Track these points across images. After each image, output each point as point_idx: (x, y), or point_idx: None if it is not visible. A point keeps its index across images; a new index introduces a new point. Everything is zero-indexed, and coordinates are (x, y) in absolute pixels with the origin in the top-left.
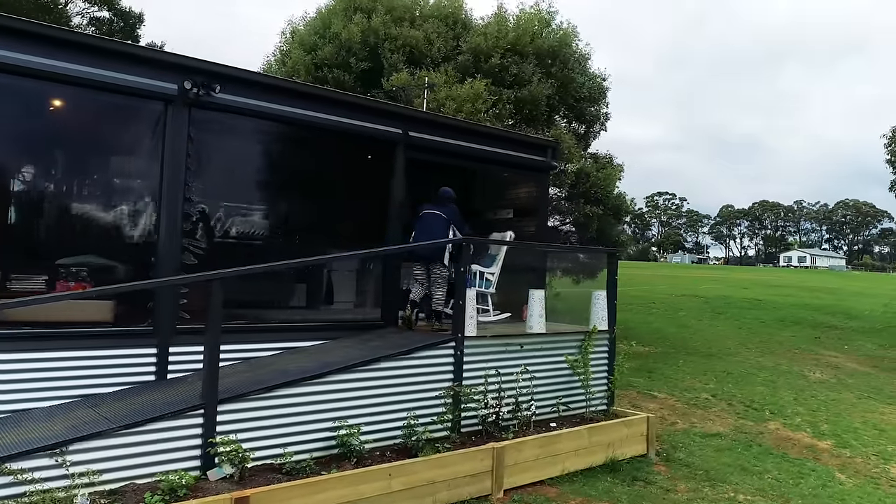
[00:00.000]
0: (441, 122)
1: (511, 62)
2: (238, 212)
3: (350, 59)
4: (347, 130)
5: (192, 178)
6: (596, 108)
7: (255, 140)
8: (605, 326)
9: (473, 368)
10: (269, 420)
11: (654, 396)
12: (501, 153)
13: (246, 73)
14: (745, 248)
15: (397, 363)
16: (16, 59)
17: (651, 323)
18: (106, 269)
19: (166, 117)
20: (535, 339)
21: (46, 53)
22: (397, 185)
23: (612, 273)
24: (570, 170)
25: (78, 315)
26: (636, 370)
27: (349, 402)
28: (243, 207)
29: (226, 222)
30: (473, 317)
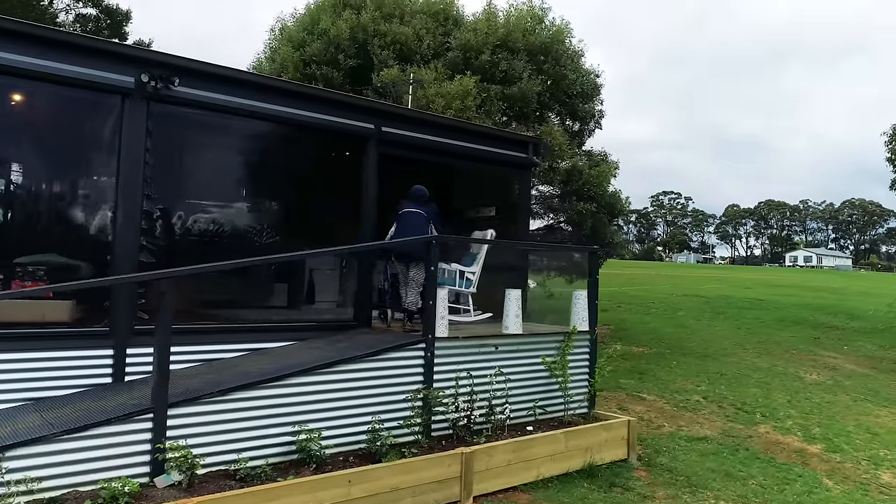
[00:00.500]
0: (416, 117)
1: (501, 58)
2: (201, 209)
3: (339, 56)
4: (316, 125)
5: (152, 174)
6: (589, 106)
7: (219, 135)
8: (586, 327)
9: (445, 370)
10: (223, 424)
11: (643, 398)
12: (481, 149)
13: (206, 66)
14: (751, 247)
15: (363, 365)
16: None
17: (648, 323)
18: (62, 267)
19: (123, 111)
20: (512, 341)
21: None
22: (370, 182)
23: (592, 272)
24: (563, 167)
25: (31, 315)
26: (628, 371)
27: (311, 405)
28: (207, 204)
29: (188, 220)
30: (445, 317)
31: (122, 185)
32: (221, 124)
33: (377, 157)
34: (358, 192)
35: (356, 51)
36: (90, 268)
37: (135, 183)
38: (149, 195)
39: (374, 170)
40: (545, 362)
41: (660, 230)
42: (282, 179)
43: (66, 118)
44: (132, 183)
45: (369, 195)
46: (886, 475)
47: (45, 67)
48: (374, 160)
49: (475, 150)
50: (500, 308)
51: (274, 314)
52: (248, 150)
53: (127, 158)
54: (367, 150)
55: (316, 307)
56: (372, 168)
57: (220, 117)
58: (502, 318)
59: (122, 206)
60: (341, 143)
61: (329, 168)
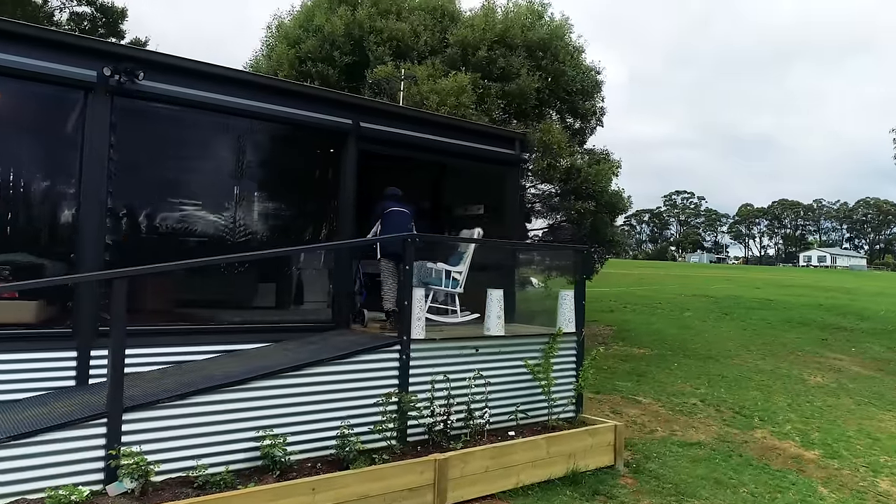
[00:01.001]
0: (396, 112)
1: (498, 55)
2: (170, 207)
3: (334, 53)
4: (289, 120)
5: (117, 171)
6: (590, 103)
7: (189, 130)
8: (573, 328)
9: (422, 373)
10: (182, 430)
11: (639, 401)
12: (465, 145)
13: (172, 59)
14: (765, 247)
15: (332, 368)
16: None
17: (652, 324)
18: (27, 267)
19: (86, 106)
20: (493, 343)
21: None
22: (348, 179)
23: (579, 272)
24: (563, 165)
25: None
26: (626, 373)
27: (277, 409)
28: (176, 202)
29: (156, 218)
30: (422, 318)
31: (86, 183)
32: (190, 119)
33: (356, 153)
34: (336, 190)
35: (352, 47)
36: (55, 267)
37: (98, 180)
38: (113, 192)
39: (353, 166)
40: (528, 365)
41: (673, 230)
42: (255, 176)
43: (27, 114)
44: (96, 180)
45: (347, 192)
46: (885, 483)
47: (3, 61)
48: (352, 156)
49: (459, 147)
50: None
51: (249, 315)
52: (218, 146)
53: (90, 155)
54: (345, 146)
55: (293, 308)
56: (350, 164)
57: (189, 112)
58: (486, 319)
59: (85, 203)
60: (317, 138)
61: (305, 165)
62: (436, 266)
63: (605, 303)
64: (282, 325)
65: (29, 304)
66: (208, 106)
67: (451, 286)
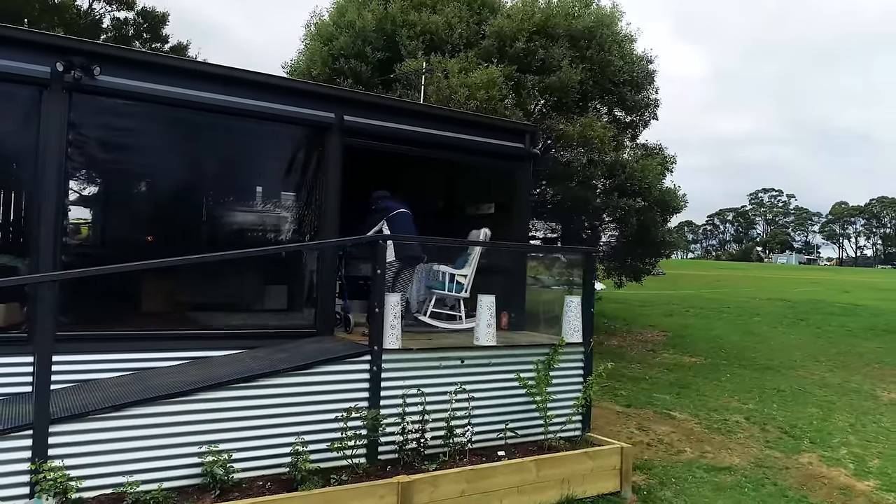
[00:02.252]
0: (383, 104)
1: (538, 46)
2: (133, 206)
3: (366, 49)
4: (265, 114)
5: (75, 170)
6: (641, 95)
7: (155, 127)
8: (579, 339)
9: (396, 386)
10: (117, 443)
11: (672, 417)
12: (467, 139)
13: (130, 53)
14: (861, 248)
15: (292, 379)
16: None
17: (713, 329)
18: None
19: (41, 103)
20: (482, 353)
21: None
22: (332, 177)
23: (588, 277)
24: (607, 161)
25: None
26: (667, 385)
27: (227, 423)
28: (140, 201)
29: (118, 217)
30: (396, 326)
31: (41, 182)
32: (159, 115)
33: (340, 148)
34: (318, 188)
35: (384, 43)
36: (7, 270)
37: (54, 179)
38: (68, 192)
39: (337, 162)
40: (520, 378)
41: (759, 229)
42: (227, 173)
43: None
44: (51, 179)
45: (330, 190)
46: None
47: None
48: (336, 152)
49: (459, 140)
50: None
51: (224, 319)
52: (190, 143)
53: (46, 153)
54: (327, 141)
55: (271, 312)
56: (334, 161)
57: (158, 108)
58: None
59: (41, 204)
60: (295, 134)
61: (282, 162)
62: (439, 269)
63: (665, 306)
64: (258, 330)
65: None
66: (174, 101)
67: (455, 290)
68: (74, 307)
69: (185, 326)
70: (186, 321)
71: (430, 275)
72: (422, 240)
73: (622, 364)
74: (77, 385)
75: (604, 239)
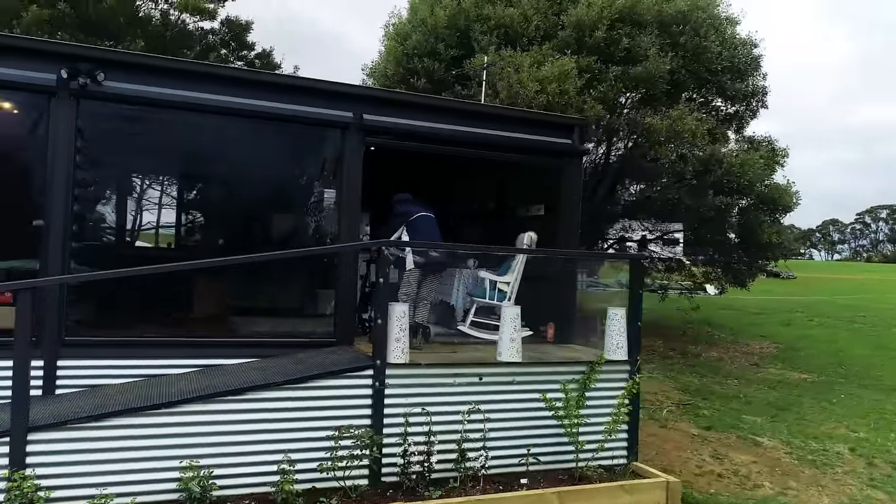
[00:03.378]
0: (408, 100)
1: (621, 34)
2: (144, 211)
3: (438, 46)
4: (278, 115)
5: (85, 176)
6: (743, 83)
7: (165, 132)
8: (623, 356)
9: (404, 404)
10: (93, 454)
11: (758, 444)
12: (502, 136)
13: (133, 57)
14: None
15: (286, 393)
16: None
17: (836, 342)
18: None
19: (49, 110)
20: (504, 371)
21: None
22: (351, 178)
23: (635, 286)
24: (699, 156)
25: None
26: (762, 405)
27: (212, 437)
28: (149, 206)
29: (128, 223)
30: (401, 339)
31: (51, 188)
32: (169, 120)
33: (360, 149)
34: (337, 191)
35: (457, 39)
36: (21, 275)
37: (64, 185)
38: (79, 198)
39: (357, 163)
40: (546, 400)
41: None
42: (241, 177)
43: None
44: (60, 185)
45: (350, 192)
46: None
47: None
48: (355, 153)
49: (494, 138)
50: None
51: (240, 327)
52: (201, 147)
53: (55, 159)
54: (347, 141)
55: (290, 320)
56: (353, 161)
57: (167, 113)
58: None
59: (51, 209)
60: (311, 134)
61: (298, 164)
62: (479, 274)
63: (785, 314)
64: (275, 339)
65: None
66: (183, 105)
67: (496, 299)
68: (90, 311)
69: (201, 334)
70: (203, 328)
71: (476, 281)
72: (431, 245)
73: (714, 379)
74: (84, 390)
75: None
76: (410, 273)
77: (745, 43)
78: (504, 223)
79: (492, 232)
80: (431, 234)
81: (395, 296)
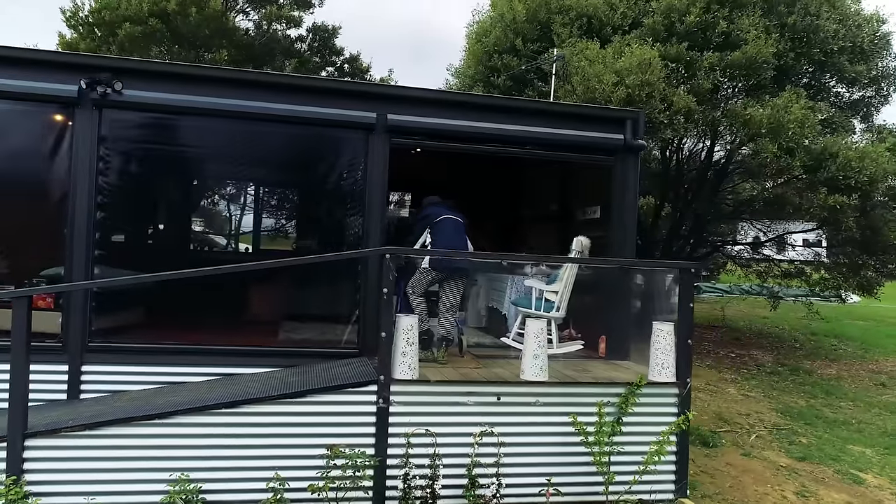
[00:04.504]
0: (433, 98)
1: (717, 17)
2: (168, 218)
3: (517, 41)
4: (298, 119)
5: (107, 184)
6: (871, 65)
7: (186, 138)
8: (670, 377)
9: (410, 423)
10: (85, 462)
11: (859, 482)
12: (544, 133)
13: (151, 65)
14: None
15: (284, 408)
16: None
17: None
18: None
19: (73, 120)
20: (527, 391)
21: None
22: (375, 182)
23: (685, 299)
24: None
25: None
26: (877, 434)
27: (204, 450)
28: (175, 213)
29: (152, 229)
30: (408, 353)
31: (74, 196)
32: (191, 126)
33: (385, 150)
34: (361, 194)
35: (538, 33)
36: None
37: (87, 193)
38: (102, 204)
39: (381, 166)
40: (576, 423)
41: None
42: (261, 183)
43: (21, 133)
44: (84, 193)
45: (375, 196)
46: None
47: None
48: (379, 155)
49: (536, 135)
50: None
51: (260, 335)
52: (219, 153)
53: (78, 168)
54: (371, 143)
55: (314, 329)
56: (378, 164)
57: (189, 119)
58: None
59: (74, 217)
60: (336, 137)
61: (319, 168)
62: (525, 282)
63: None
64: (298, 348)
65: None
66: (203, 111)
67: (543, 309)
68: (113, 317)
69: (222, 342)
70: (225, 336)
71: (523, 289)
72: (443, 254)
73: (825, 401)
74: (104, 395)
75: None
76: (424, 272)
77: (869, 20)
78: (559, 227)
79: (546, 236)
80: (453, 239)
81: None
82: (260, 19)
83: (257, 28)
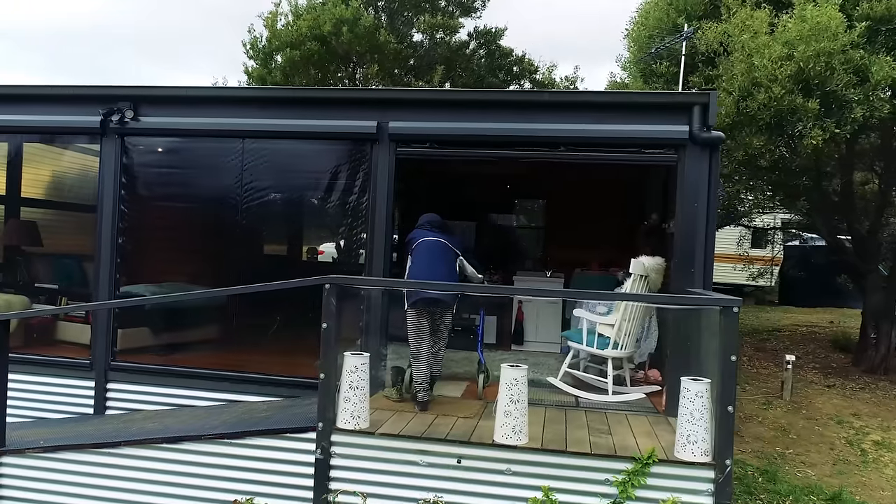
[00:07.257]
0: (441, 99)
1: None
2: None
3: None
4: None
5: (128, 208)
6: None
7: (195, 159)
8: (704, 455)
9: (355, 480)
10: (42, 484)
11: None
12: (585, 130)
13: (157, 90)
14: None
15: (221, 449)
16: None
17: None
18: None
19: (101, 149)
20: (496, 455)
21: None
22: (379, 198)
23: (727, 349)
24: None
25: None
26: None
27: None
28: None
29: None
30: (351, 399)
31: (100, 222)
32: (199, 148)
33: (389, 162)
34: (364, 213)
35: (704, 7)
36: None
37: (110, 217)
38: (124, 228)
39: (386, 180)
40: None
41: None
42: (269, 199)
43: (62, 165)
44: (108, 217)
45: (380, 215)
46: None
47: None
48: (383, 167)
49: (575, 133)
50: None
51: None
52: (226, 170)
53: (103, 193)
54: (373, 155)
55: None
56: (381, 179)
57: (199, 142)
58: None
59: (100, 240)
60: (330, 150)
61: (321, 184)
62: (574, 313)
63: None
64: (287, 378)
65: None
66: (212, 132)
67: (596, 345)
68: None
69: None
70: (220, 361)
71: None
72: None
73: None
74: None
75: None
76: (408, 317)
77: None
78: (626, 238)
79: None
80: (428, 266)
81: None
82: (426, 30)
83: (431, 37)
